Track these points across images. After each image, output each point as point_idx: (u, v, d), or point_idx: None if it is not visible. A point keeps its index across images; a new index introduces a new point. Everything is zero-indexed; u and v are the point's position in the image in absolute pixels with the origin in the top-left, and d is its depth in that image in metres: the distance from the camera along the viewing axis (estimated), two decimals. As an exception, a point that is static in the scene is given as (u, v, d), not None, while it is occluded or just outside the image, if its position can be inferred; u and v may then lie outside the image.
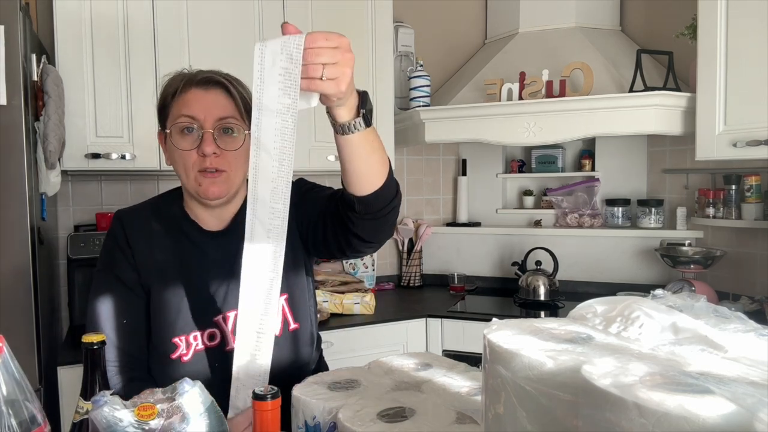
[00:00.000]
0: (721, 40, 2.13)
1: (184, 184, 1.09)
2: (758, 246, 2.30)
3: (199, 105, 1.04)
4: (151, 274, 1.08)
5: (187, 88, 1.05)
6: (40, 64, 1.80)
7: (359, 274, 2.83)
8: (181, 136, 1.05)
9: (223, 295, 1.09)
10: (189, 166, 1.05)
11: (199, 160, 1.04)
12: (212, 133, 1.04)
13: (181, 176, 1.08)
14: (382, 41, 2.58)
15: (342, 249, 1.07)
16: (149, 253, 1.09)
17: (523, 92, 2.48)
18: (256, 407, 0.77)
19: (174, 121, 1.05)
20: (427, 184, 3.11)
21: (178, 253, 1.10)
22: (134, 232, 1.10)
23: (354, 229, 0.99)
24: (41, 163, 1.74)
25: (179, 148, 1.05)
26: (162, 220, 1.13)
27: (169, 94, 1.07)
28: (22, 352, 1.58)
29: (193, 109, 1.03)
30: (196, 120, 1.03)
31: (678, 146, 2.59)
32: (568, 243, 2.80)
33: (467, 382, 0.98)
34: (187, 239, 1.11)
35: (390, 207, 0.97)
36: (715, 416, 0.46)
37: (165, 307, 1.07)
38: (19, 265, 1.60)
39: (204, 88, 1.05)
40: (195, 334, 1.06)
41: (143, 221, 1.12)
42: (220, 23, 2.25)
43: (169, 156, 1.10)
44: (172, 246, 1.10)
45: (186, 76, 1.08)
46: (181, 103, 1.05)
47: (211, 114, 1.03)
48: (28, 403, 0.74)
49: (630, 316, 0.68)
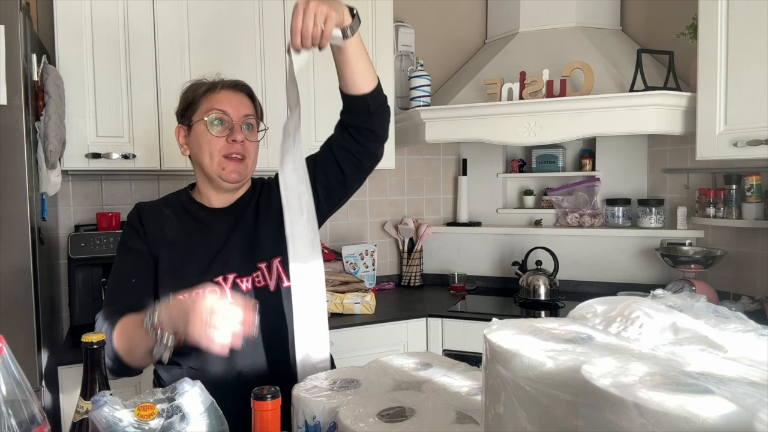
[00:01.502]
0: (722, 40, 2.13)
1: (206, 167, 1.25)
2: (759, 246, 2.30)
3: (230, 102, 1.24)
4: (162, 246, 1.24)
5: (217, 89, 1.25)
6: (41, 64, 1.80)
7: (359, 273, 2.83)
8: (212, 126, 1.23)
9: (222, 260, 1.24)
10: (215, 151, 1.23)
11: (225, 147, 1.23)
12: (240, 126, 1.24)
13: (204, 161, 1.24)
14: (383, 41, 2.58)
15: (357, 160, 1.29)
16: (160, 230, 1.25)
17: (523, 92, 2.48)
18: (256, 407, 0.77)
19: (205, 114, 1.23)
20: (427, 183, 3.11)
21: (185, 229, 1.27)
22: (147, 216, 1.27)
23: (369, 126, 1.25)
24: (42, 163, 1.74)
25: (211, 134, 1.23)
26: (171, 207, 1.30)
27: (199, 92, 1.25)
28: (22, 352, 1.58)
29: (225, 105, 1.23)
30: (227, 114, 1.23)
31: (678, 146, 2.59)
32: (569, 243, 2.80)
33: (467, 382, 0.98)
34: (193, 217, 1.29)
35: (385, 106, 1.27)
36: (715, 416, 0.46)
37: (173, 269, 1.22)
38: (19, 265, 1.60)
39: (233, 90, 1.27)
40: (197, 291, 1.15)
41: (156, 208, 1.30)
42: (220, 23, 2.25)
43: (193, 145, 1.26)
44: (180, 224, 1.27)
45: (217, 80, 1.28)
46: (213, 100, 1.24)
47: (238, 110, 1.24)
48: (28, 403, 0.74)
49: (630, 316, 0.68)
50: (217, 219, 1.29)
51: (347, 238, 2.92)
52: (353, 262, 2.84)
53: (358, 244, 2.91)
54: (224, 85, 1.26)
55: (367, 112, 1.23)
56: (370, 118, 1.24)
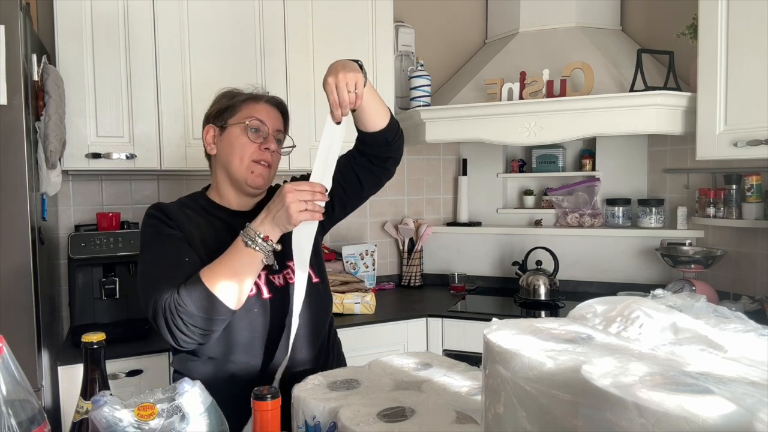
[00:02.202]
0: (722, 40, 2.13)
1: (234, 169, 1.29)
2: (759, 246, 2.30)
3: (268, 115, 1.32)
4: (195, 241, 1.24)
5: (259, 100, 1.33)
6: (41, 64, 1.80)
7: (359, 273, 2.83)
8: (248, 131, 1.29)
9: None
10: (246, 155, 1.28)
11: (257, 153, 1.29)
12: (273, 137, 1.31)
13: (233, 162, 1.29)
14: (383, 41, 2.58)
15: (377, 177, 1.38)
16: (188, 226, 1.26)
17: (523, 92, 2.48)
18: (256, 407, 0.77)
19: (245, 119, 1.29)
20: (427, 183, 3.11)
21: (212, 227, 1.29)
22: (172, 213, 1.27)
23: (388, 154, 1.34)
24: (42, 163, 1.74)
25: (247, 139, 1.28)
26: (191, 208, 1.31)
27: (240, 99, 1.32)
28: (23, 352, 1.58)
29: (264, 116, 1.31)
30: (264, 124, 1.30)
31: (678, 146, 2.59)
32: (569, 243, 2.80)
33: (467, 382, 0.98)
34: (218, 219, 1.31)
35: (400, 133, 1.35)
36: (715, 416, 0.46)
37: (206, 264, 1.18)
38: (19, 265, 1.61)
39: (272, 104, 1.34)
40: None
41: (176, 209, 1.29)
42: (220, 23, 2.25)
43: (223, 145, 1.32)
44: (205, 224, 1.29)
45: (258, 92, 1.36)
46: (254, 109, 1.31)
47: (273, 124, 1.32)
48: (28, 403, 0.74)
49: (630, 316, 0.68)
50: (240, 221, 1.27)
51: (347, 238, 2.92)
52: (353, 262, 2.84)
53: (358, 244, 2.91)
54: (266, 99, 1.35)
55: (385, 143, 1.31)
56: (389, 147, 1.33)
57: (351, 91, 1.15)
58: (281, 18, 2.36)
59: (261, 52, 2.33)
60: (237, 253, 1.13)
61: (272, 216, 1.13)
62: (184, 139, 2.20)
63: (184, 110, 2.19)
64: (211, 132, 1.35)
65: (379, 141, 1.30)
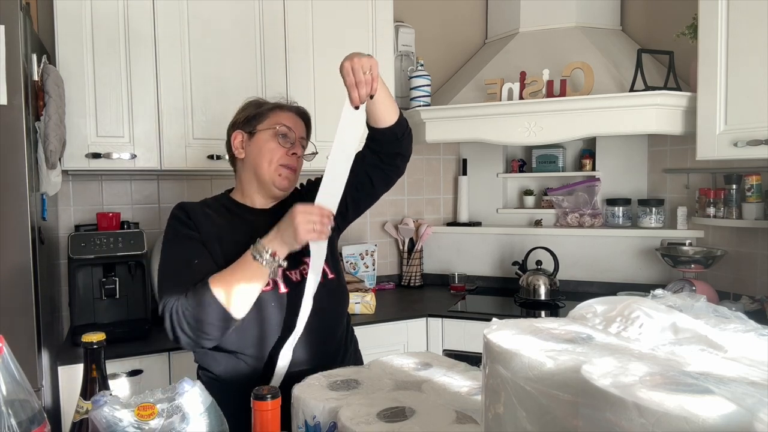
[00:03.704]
0: (722, 40, 2.13)
1: (262, 171, 1.36)
2: (759, 246, 2.30)
3: (295, 123, 1.40)
4: (211, 239, 1.30)
5: (286, 109, 1.41)
6: (41, 64, 1.80)
7: (360, 273, 2.83)
8: (276, 136, 1.36)
9: None
10: (275, 159, 1.35)
11: (284, 157, 1.36)
12: (299, 143, 1.39)
13: (262, 165, 1.35)
14: (383, 41, 2.58)
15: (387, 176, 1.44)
16: (207, 225, 1.32)
17: (523, 92, 2.48)
18: (256, 407, 0.77)
19: (274, 125, 1.37)
20: (427, 183, 3.11)
21: (231, 225, 1.35)
22: (193, 212, 1.34)
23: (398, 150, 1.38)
24: (42, 163, 1.74)
25: (276, 143, 1.36)
26: (212, 208, 1.38)
27: (267, 107, 1.40)
28: (23, 352, 1.58)
29: (291, 123, 1.39)
30: (292, 131, 1.38)
31: (678, 146, 2.59)
32: (569, 243, 2.80)
33: (467, 382, 0.98)
34: (238, 216, 1.38)
35: (408, 129, 1.39)
36: (715, 416, 0.46)
37: (225, 261, 1.25)
38: (19, 265, 1.60)
39: (297, 114, 1.43)
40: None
41: (198, 209, 1.36)
42: (220, 23, 2.25)
43: (252, 150, 1.38)
44: (225, 223, 1.35)
45: (284, 102, 1.44)
46: (282, 117, 1.39)
47: (299, 131, 1.40)
48: (28, 403, 0.74)
49: (630, 316, 0.68)
50: (260, 218, 1.37)
51: (347, 238, 2.92)
52: (353, 262, 2.84)
53: (358, 244, 2.91)
54: (292, 109, 1.43)
55: (395, 140, 1.35)
56: (399, 143, 1.37)
57: (366, 72, 1.20)
58: (281, 18, 2.36)
59: (261, 52, 2.33)
60: (245, 265, 1.19)
61: (282, 234, 1.20)
62: (184, 139, 2.19)
63: (184, 110, 2.19)
64: (239, 137, 1.40)
65: (389, 137, 1.34)
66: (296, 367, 1.25)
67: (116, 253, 2.08)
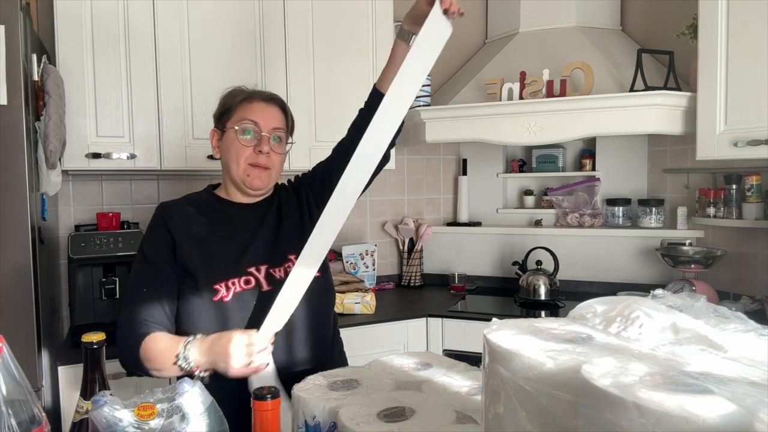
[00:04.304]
0: (722, 40, 2.13)
1: (232, 172, 1.32)
2: (759, 246, 2.30)
3: (262, 114, 1.31)
4: (190, 243, 1.28)
5: (252, 99, 1.32)
6: (41, 64, 1.80)
7: (359, 273, 2.83)
8: (242, 135, 1.29)
9: (253, 252, 1.29)
10: (242, 159, 1.29)
11: (252, 156, 1.29)
12: (268, 138, 1.30)
13: (231, 166, 1.31)
14: (383, 41, 2.57)
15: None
16: (186, 228, 1.29)
17: (523, 92, 2.48)
18: (256, 407, 0.77)
19: (238, 122, 1.30)
20: (427, 183, 3.11)
21: (212, 224, 1.32)
22: (172, 215, 1.31)
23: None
24: (42, 163, 1.74)
25: (240, 142, 1.29)
26: (195, 205, 1.35)
27: (236, 100, 1.32)
28: (23, 352, 1.58)
29: (257, 116, 1.30)
30: (257, 124, 1.30)
31: (679, 146, 2.59)
32: (569, 243, 2.80)
33: (467, 382, 0.98)
34: (219, 212, 1.34)
35: None
36: (715, 416, 0.46)
37: (206, 262, 1.26)
38: (19, 265, 1.61)
39: (267, 102, 1.33)
40: (233, 280, 1.26)
41: (179, 207, 1.33)
42: (220, 23, 2.25)
43: (224, 149, 1.33)
44: (206, 220, 1.32)
45: (253, 90, 1.35)
46: (247, 110, 1.30)
47: (268, 123, 1.31)
48: (28, 403, 0.74)
49: (630, 316, 0.68)
50: (243, 213, 1.35)
51: (347, 238, 2.92)
52: (353, 262, 2.84)
53: (358, 244, 2.91)
54: (259, 97, 1.33)
55: None
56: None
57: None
58: (281, 18, 2.36)
59: (261, 52, 2.33)
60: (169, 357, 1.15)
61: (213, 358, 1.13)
62: (184, 139, 2.19)
63: (184, 110, 2.19)
64: (215, 136, 1.37)
65: None
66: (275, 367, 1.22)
67: (116, 253, 2.08)
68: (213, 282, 1.24)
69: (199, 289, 1.25)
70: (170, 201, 1.36)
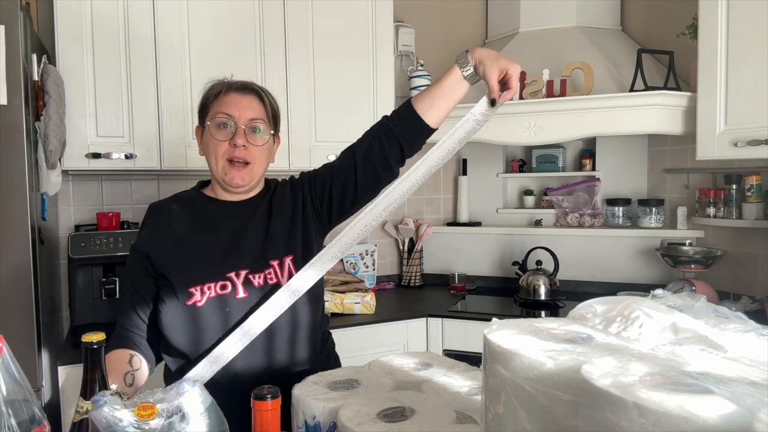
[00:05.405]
0: (722, 40, 2.12)
1: (212, 170, 1.28)
2: (759, 246, 2.30)
3: (236, 106, 1.25)
4: (169, 245, 1.25)
5: (227, 92, 1.27)
6: (41, 64, 1.80)
7: (359, 273, 2.83)
8: (218, 129, 1.25)
9: (235, 256, 1.24)
10: (219, 155, 1.25)
11: (229, 150, 1.24)
12: (244, 130, 1.24)
13: (211, 164, 1.28)
14: (383, 41, 2.58)
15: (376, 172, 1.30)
16: (168, 229, 1.27)
17: (523, 92, 2.48)
18: (256, 407, 0.77)
19: (213, 117, 1.26)
20: (427, 183, 3.10)
21: (195, 225, 1.28)
22: (156, 217, 1.30)
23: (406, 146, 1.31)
24: (42, 163, 1.74)
25: (215, 138, 1.25)
26: (181, 203, 1.32)
27: (211, 95, 1.28)
28: (23, 352, 1.58)
29: (231, 109, 1.25)
30: (231, 117, 1.24)
31: (679, 146, 2.59)
32: (569, 243, 2.80)
33: (467, 382, 0.98)
34: (203, 211, 1.30)
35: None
36: (715, 416, 0.46)
37: (183, 264, 1.23)
38: (19, 265, 1.61)
39: (241, 92, 1.28)
40: (209, 285, 1.22)
41: (166, 207, 1.31)
42: (220, 23, 2.25)
43: (204, 147, 1.30)
44: (189, 220, 1.28)
45: (227, 82, 1.30)
46: (221, 103, 1.26)
47: (244, 114, 1.25)
48: (28, 403, 0.74)
49: (630, 316, 0.68)
50: (229, 213, 1.30)
51: (347, 238, 2.92)
52: (353, 262, 2.84)
53: (358, 244, 2.90)
54: (232, 87, 1.28)
55: (417, 137, 1.32)
56: (416, 141, 1.32)
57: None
58: (281, 18, 2.36)
59: (261, 52, 2.33)
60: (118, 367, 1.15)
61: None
62: (184, 139, 2.19)
63: (184, 110, 2.19)
64: (199, 133, 1.34)
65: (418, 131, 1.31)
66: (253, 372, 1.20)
67: (116, 253, 2.08)
68: (189, 285, 1.21)
69: (175, 291, 1.22)
70: (159, 201, 1.34)
